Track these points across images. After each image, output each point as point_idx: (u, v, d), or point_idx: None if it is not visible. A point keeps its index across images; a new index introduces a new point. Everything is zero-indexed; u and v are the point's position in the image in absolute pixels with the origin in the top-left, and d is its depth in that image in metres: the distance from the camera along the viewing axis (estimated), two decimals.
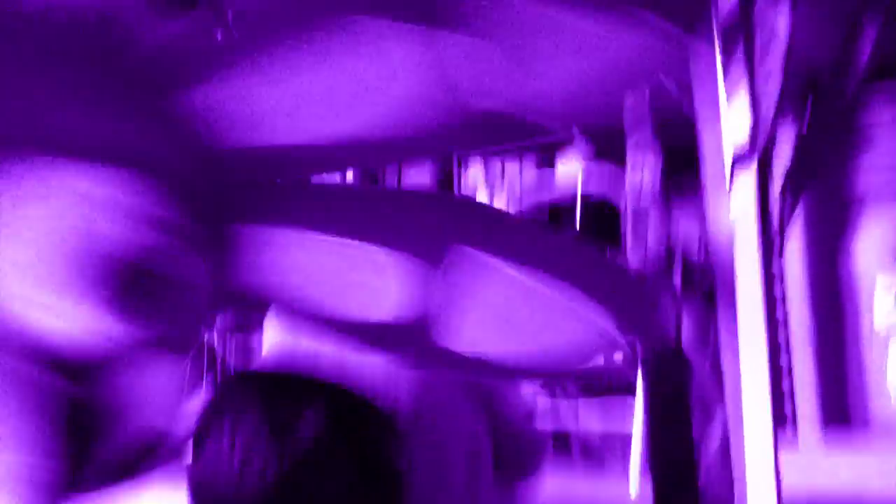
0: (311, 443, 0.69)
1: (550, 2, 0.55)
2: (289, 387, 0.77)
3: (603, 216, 3.11)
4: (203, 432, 0.75)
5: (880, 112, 1.02)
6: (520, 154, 3.97)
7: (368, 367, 0.82)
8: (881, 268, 0.98)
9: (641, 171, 0.89)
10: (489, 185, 4.04)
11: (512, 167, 3.97)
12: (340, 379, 0.76)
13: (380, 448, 0.74)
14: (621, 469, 2.03)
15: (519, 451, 0.94)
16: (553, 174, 3.98)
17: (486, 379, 0.99)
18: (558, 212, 3.39)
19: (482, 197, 3.83)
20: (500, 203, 3.53)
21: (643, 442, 1.57)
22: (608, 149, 2.34)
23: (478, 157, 4.11)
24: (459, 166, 4.22)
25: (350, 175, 2.66)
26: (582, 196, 2.94)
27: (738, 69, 0.93)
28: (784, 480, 0.71)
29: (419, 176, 4.31)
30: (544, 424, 1.83)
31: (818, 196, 1.02)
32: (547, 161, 4.05)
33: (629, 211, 0.91)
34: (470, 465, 0.87)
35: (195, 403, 0.85)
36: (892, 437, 0.98)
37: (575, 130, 3.45)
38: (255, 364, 0.86)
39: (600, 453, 2.06)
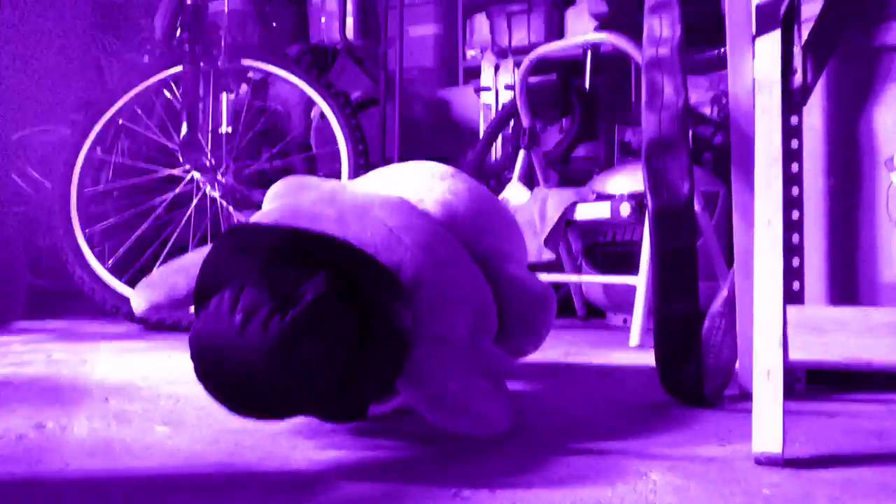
0: (313, 302, 0.70)
1: None
2: (292, 243, 0.77)
3: (614, 73, 3.03)
4: (206, 288, 0.76)
5: None
6: (529, 7, 3.80)
7: (371, 224, 0.82)
8: None
9: (659, 26, 0.85)
10: (494, 36, 3.91)
11: (520, 30, 3.82)
12: (339, 240, 0.76)
13: (382, 307, 0.76)
14: (623, 321, 2.09)
15: (524, 313, 0.95)
16: (562, 29, 3.83)
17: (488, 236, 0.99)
18: (571, 65, 3.29)
19: (488, 52, 3.71)
20: (505, 62, 3.42)
21: (647, 294, 1.61)
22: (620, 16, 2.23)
23: (483, 12, 3.96)
24: (465, 20, 4.08)
25: None
26: (593, 52, 2.84)
27: None
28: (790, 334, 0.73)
29: (423, 29, 4.16)
30: (548, 279, 1.87)
31: (843, 65, 0.98)
32: (557, 15, 3.89)
33: (644, 67, 0.87)
34: (475, 321, 0.88)
35: (198, 254, 0.86)
36: None
37: None
38: (258, 216, 0.84)
39: (604, 305, 2.11)
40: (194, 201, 1.99)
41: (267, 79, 2.96)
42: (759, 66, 0.79)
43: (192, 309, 0.82)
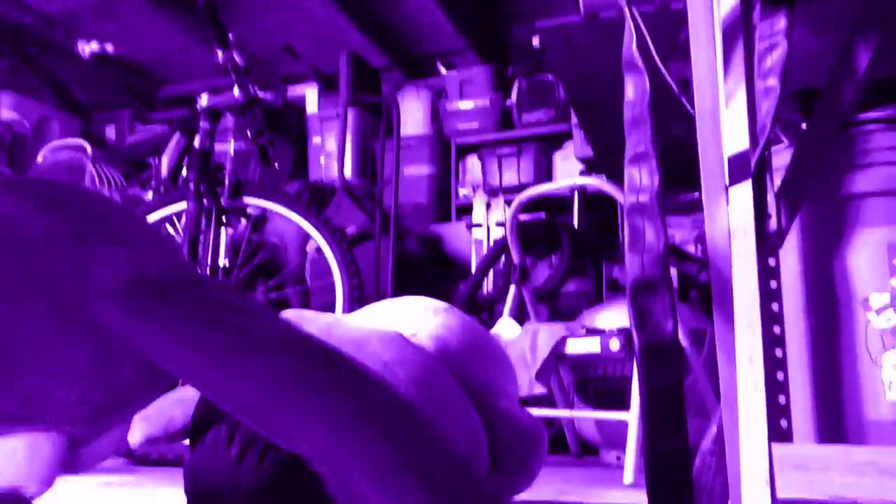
0: None
1: None
2: None
3: (601, 212, 3.14)
4: (202, 421, 0.77)
5: (876, 134, 1.04)
6: (518, 150, 4.00)
7: (367, 359, 0.84)
8: (875, 284, 1.00)
9: (639, 176, 0.91)
10: (485, 176, 4.08)
11: (510, 170, 4.00)
12: None
13: None
14: (617, 458, 2.06)
15: (516, 449, 0.96)
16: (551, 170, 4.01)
17: (481, 371, 1.01)
18: (559, 204, 3.43)
19: (480, 190, 3.86)
20: (496, 201, 3.55)
21: (638, 431, 1.60)
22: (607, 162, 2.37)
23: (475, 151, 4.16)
24: (457, 161, 4.28)
25: None
26: (580, 192, 2.97)
27: (738, 77, 0.96)
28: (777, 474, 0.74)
29: (418, 169, 4.35)
30: (540, 414, 1.86)
31: (814, 213, 1.05)
32: (545, 158, 4.08)
33: (626, 213, 0.93)
34: (468, 457, 0.89)
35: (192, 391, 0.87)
36: (886, 443, 1.01)
37: (575, 129, 3.48)
38: None
39: (597, 441, 2.09)
40: None
41: (265, 213, 3.06)
42: (733, 213, 0.85)
43: (186, 441, 0.82)
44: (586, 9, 1.52)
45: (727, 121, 0.91)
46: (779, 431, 0.89)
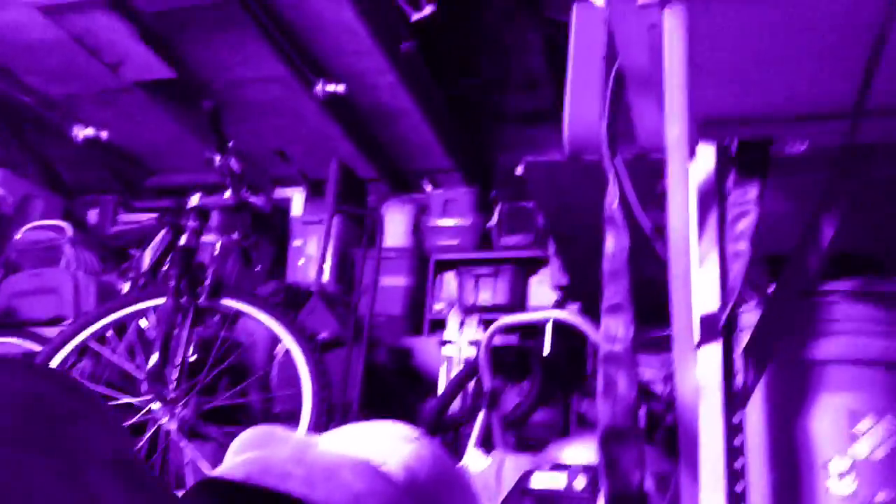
0: None
1: None
2: (261, 502, 0.78)
3: (572, 341, 3.18)
4: None
5: (839, 303, 1.10)
6: (495, 272, 4.08)
7: (337, 488, 0.84)
8: (836, 449, 1.03)
9: (615, 327, 0.95)
10: (461, 293, 4.14)
11: (486, 291, 4.07)
12: (305, 498, 0.78)
13: None
14: None
15: None
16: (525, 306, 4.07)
17: None
18: (532, 328, 3.46)
19: (455, 307, 3.90)
20: (470, 319, 3.58)
21: None
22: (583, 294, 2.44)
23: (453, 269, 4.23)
24: (435, 276, 4.34)
25: None
26: (554, 320, 3.01)
27: (711, 241, 1.02)
28: None
29: (395, 280, 4.40)
30: None
31: (780, 374, 1.09)
32: (521, 282, 4.16)
33: (601, 361, 0.96)
34: None
35: None
36: None
37: (553, 257, 3.58)
38: (227, 468, 0.86)
39: None
40: (148, 433, 1.97)
41: (238, 313, 3.05)
42: (701, 371, 0.89)
43: None
44: (571, 149, 1.61)
45: (699, 281, 0.96)
46: None
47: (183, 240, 2.15)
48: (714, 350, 0.91)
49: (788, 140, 1.23)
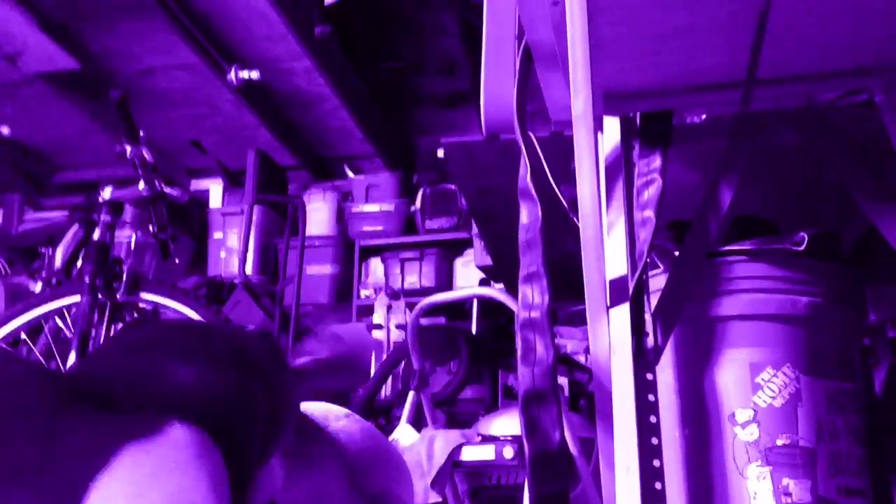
0: None
1: None
2: None
3: (500, 333, 3.24)
4: None
5: (738, 263, 1.18)
6: (420, 255, 4.10)
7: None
8: (740, 401, 1.10)
9: (531, 294, 0.99)
10: (388, 278, 4.15)
11: (412, 275, 4.10)
12: None
13: None
14: None
15: None
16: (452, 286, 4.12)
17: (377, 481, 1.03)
18: (459, 308, 3.50)
19: (382, 293, 3.91)
20: (397, 303, 3.60)
21: None
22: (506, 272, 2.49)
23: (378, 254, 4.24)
24: (360, 262, 4.33)
25: None
26: (479, 299, 3.06)
27: (618, 209, 1.07)
28: None
29: (320, 268, 4.37)
30: None
31: (686, 333, 1.15)
32: (446, 264, 4.20)
33: (519, 327, 1.00)
34: None
35: None
36: None
37: (476, 238, 3.62)
38: None
39: None
40: None
41: (157, 308, 2.98)
42: (614, 332, 0.93)
43: None
44: (487, 129, 1.64)
45: (609, 248, 1.01)
46: None
47: (96, 235, 2.09)
48: (624, 312, 0.96)
49: (688, 111, 1.29)
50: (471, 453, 1.86)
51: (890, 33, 1.04)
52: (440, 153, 3.90)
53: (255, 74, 3.49)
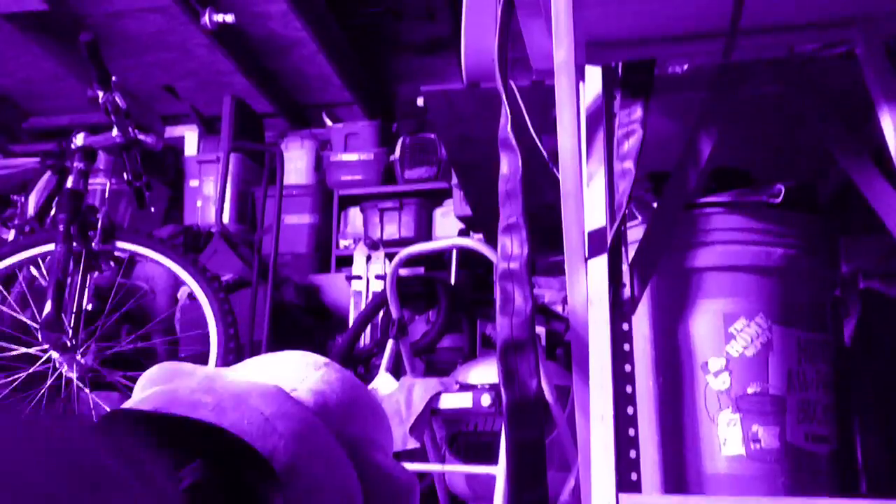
0: (190, 488, 0.72)
1: None
2: (169, 430, 0.79)
3: (479, 284, 3.26)
4: None
5: (715, 215, 1.18)
6: (400, 205, 4.09)
7: (245, 414, 0.86)
8: (713, 349, 1.12)
9: (510, 245, 0.99)
10: (367, 228, 4.14)
11: (391, 224, 4.08)
12: (216, 425, 0.79)
13: (257, 494, 0.78)
14: None
15: (388, 496, 0.99)
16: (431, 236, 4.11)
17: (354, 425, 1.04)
18: (438, 259, 3.51)
19: (361, 243, 3.90)
20: (377, 253, 3.60)
21: (505, 485, 1.66)
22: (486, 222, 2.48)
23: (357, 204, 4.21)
24: (339, 212, 4.31)
25: None
26: (458, 249, 3.07)
27: (598, 160, 1.07)
28: None
29: (299, 218, 4.34)
30: (413, 468, 1.89)
31: (662, 283, 1.17)
32: (426, 214, 4.19)
33: (498, 277, 1.00)
34: None
35: None
36: (721, 494, 1.12)
37: (455, 188, 3.61)
38: (135, 402, 0.86)
39: (466, 496, 2.14)
40: (49, 381, 1.91)
41: (134, 257, 2.97)
42: (591, 283, 0.94)
43: None
44: (468, 77, 1.62)
45: (588, 199, 1.01)
46: (629, 483, 0.97)
47: (69, 182, 2.05)
48: (602, 263, 0.96)
49: (670, 61, 1.28)
50: (449, 401, 1.89)
51: None
52: (420, 101, 3.85)
53: (229, 17, 3.40)
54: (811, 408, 1.15)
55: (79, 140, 2.10)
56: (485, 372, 2.06)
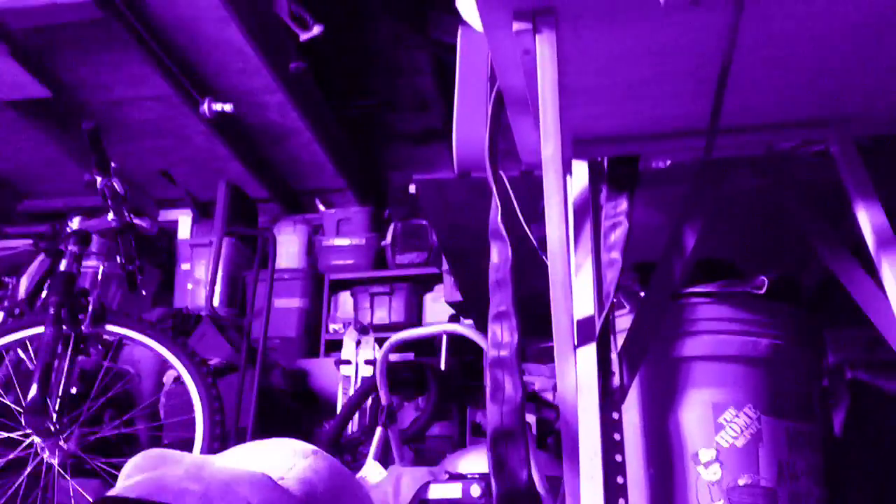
0: None
1: None
2: None
3: (469, 370, 3.25)
4: None
5: (701, 305, 1.21)
6: (391, 290, 4.10)
7: (234, 501, 0.85)
8: (703, 441, 1.13)
9: (500, 333, 1.00)
10: (357, 313, 4.13)
11: (381, 309, 4.09)
12: None
13: None
14: None
15: None
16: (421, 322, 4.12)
17: None
18: (428, 344, 3.50)
19: (351, 327, 3.89)
20: (367, 338, 3.59)
21: None
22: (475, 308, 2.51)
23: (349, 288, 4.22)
24: (330, 296, 4.31)
25: None
26: (448, 335, 3.07)
27: (586, 250, 1.09)
28: None
29: (289, 302, 4.34)
30: None
31: (651, 372, 1.18)
32: (416, 299, 4.20)
33: (488, 366, 1.01)
34: None
35: None
36: None
37: (446, 274, 3.64)
38: (121, 489, 0.85)
39: None
40: (28, 468, 1.87)
41: (122, 340, 2.95)
42: (581, 371, 0.95)
43: None
44: (459, 167, 1.67)
45: (576, 288, 1.03)
46: None
47: (63, 265, 2.06)
48: (591, 351, 0.98)
49: (654, 156, 1.34)
50: (438, 491, 1.85)
51: (843, 87, 1.09)
52: (412, 189, 3.93)
53: (228, 107, 3.50)
54: (803, 499, 1.14)
55: (74, 224, 2.12)
56: (475, 461, 2.03)
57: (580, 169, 1.17)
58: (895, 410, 1.49)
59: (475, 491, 1.76)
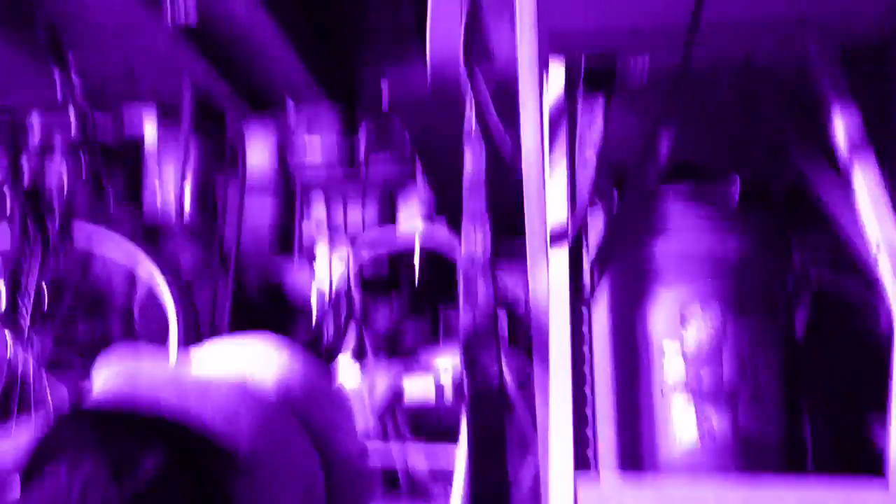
0: (152, 483, 0.72)
1: None
2: (128, 425, 0.79)
3: (442, 269, 3.27)
4: (35, 470, 0.75)
5: (674, 206, 1.22)
6: (363, 199, 4.07)
7: (211, 399, 0.86)
8: (669, 334, 1.16)
9: (474, 237, 1.01)
10: (331, 227, 4.11)
11: (354, 211, 4.07)
12: (180, 416, 0.80)
13: (221, 486, 0.78)
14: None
15: (351, 488, 1.00)
16: (395, 224, 4.11)
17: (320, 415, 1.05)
18: (399, 260, 3.52)
19: (323, 240, 3.88)
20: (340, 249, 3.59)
21: (465, 479, 1.69)
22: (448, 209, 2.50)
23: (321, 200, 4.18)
24: (303, 206, 4.27)
25: None
26: (422, 248, 3.08)
27: (561, 155, 1.09)
28: None
29: (261, 202, 4.30)
30: (375, 461, 1.91)
31: (622, 271, 1.20)
32: (389, 210, 4.19)
33: (460, 272, 1.02)
34: (305, 497, 0.92)
35: (18, 439, 0.84)
36: (675, 478, 1.16)
37: (422, 186, 3.62)
38: (90, 400, 0.86)
39: (427, 490, 2.16)
40: (4, 366, 1.88)
41: (93, 244, 2.91)
42: (553, 271, 0.97)
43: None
44: (433, 64, 1.63)
45: (550, 190, 1.03)
46: (585, 461, 1.00)
47: (26, 169, 2.01)
48: (564, 252, 0.99)
49: (631, 55, 1.31)
50: (412, 385, 1.91)
51: None
52: (384, 88, 3.84)
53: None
54: (762, 394, 1.19)
55: (36, 126, 2.05)
56: (447, 357, 2.09)
57: (557, 70, 1.14)
58: (854, 314, 1.55)
59: (448, 385, 1.81)
